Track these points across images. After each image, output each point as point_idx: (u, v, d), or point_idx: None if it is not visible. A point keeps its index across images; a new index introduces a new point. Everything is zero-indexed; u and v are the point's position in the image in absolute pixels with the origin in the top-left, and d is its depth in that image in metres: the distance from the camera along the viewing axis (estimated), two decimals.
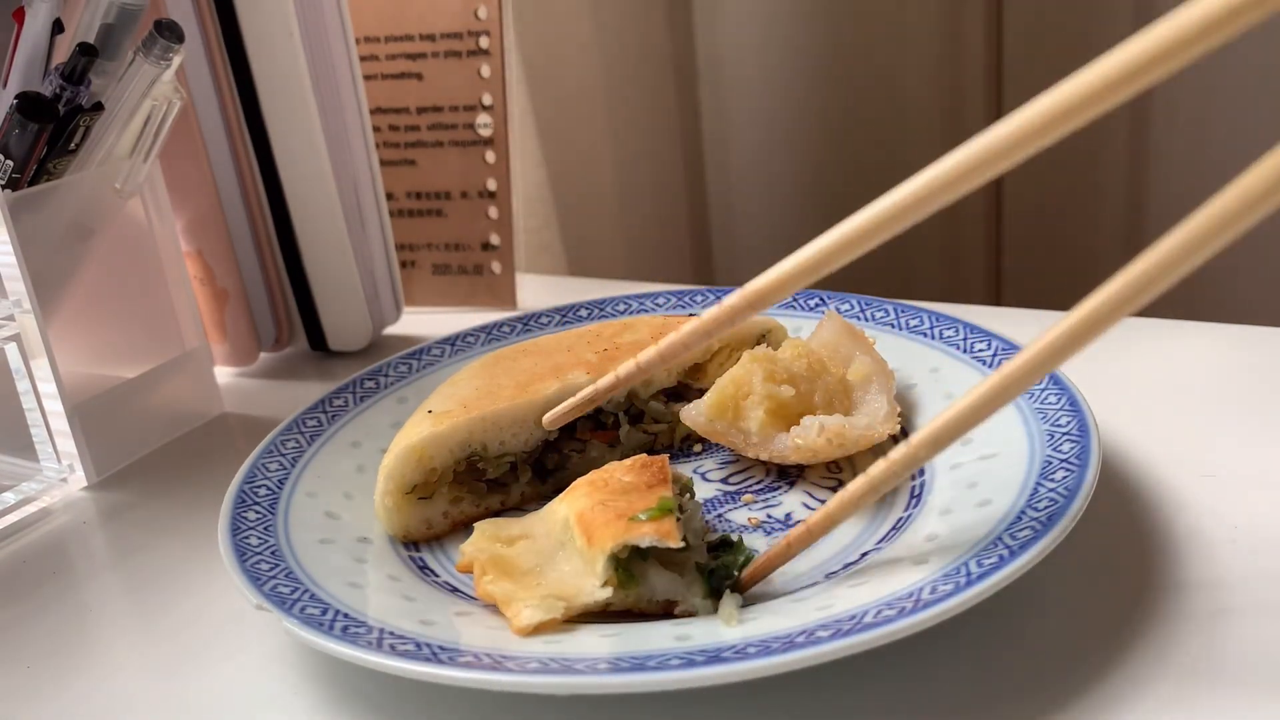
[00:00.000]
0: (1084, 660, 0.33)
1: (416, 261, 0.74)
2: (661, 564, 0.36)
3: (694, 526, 0.38)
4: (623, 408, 0.47)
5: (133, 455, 0.55)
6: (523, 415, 0.45)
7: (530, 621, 0.35)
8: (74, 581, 0.45)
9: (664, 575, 0.36)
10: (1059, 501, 0.35)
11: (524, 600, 0.36)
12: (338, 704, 0.35)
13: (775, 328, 0.50)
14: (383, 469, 0.43)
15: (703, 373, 0.49)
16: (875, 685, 0.33)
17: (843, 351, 0.47)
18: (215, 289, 0.63)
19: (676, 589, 0.36)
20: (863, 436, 0.42)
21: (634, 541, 0.35)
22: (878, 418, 0.43)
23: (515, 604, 0.36)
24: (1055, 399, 0.42)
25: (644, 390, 0.47)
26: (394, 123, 0.72)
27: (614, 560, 0.35)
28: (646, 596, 0.36)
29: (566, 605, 0.35)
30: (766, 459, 0.44)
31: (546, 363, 0.48)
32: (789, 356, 0.45)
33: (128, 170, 0.53)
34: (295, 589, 0.37)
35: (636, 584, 0.36)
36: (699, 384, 0.48)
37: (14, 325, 0.50)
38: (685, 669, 0.30)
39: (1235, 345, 0.55)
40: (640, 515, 0.36)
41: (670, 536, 0.35)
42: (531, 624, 0.35)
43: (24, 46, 0.49)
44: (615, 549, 0.35)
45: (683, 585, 0.36)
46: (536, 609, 0.35)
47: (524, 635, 0.35)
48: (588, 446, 0.47)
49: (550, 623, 0.35)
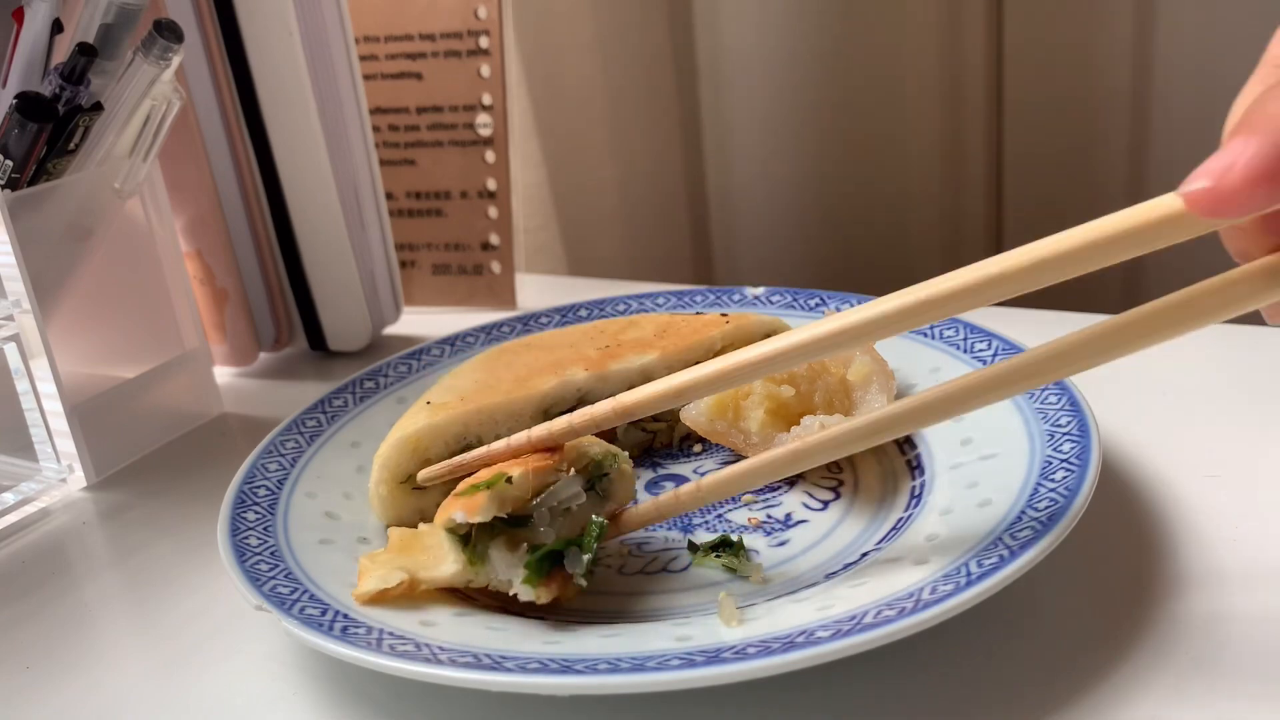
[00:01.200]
0: (1084, 660, 0.33)
1: (416, 261, 0.74)
2: (510, 544, 0.36)
3: (564, 506, 0.36)
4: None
5: (132, 455, 0.55)
6: (519, 410, 0.45)
7: (365, 589, 0.36)
8: (73, 582, 0.45)
9: (504, 556, 0.35)
10: (1059, 501, 0.35)
11: (371, 570, 0.36)
12: (337, 704, 0.35)
13: (779, 327, 0.50)
14: (378, 457, 0.43)
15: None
16: (875, 685, 0.33)
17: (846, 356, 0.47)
18: (215, 289, 0.63)
19: (510, 570, 0.35)
20: None
21: (452, 516, 0.35)
22: None
23: (366, 574, 0.36)
24: (1055, 399, 0.42)
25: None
26: (394, 122, 0.72)
27: (455, 536, 0.36)
28: (494, 576, 0.36)
29: (412, 577, 0.36)
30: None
31: (547, 358, 0.48)
32: None
33: (127, 170, 0.53)
34: (295, 589, 0.37)
35: (483, 562, 0.35)
36: None
37: (13, 325, 0.50)
38: (685, 669, 0.30)
39: (1235, 345, 0.55)
40: (479, 486, 0.35)
41: (472, 511, 0.35)
42: (366, 592, 0.35)
43: (23, 46, 0.49)
44: (445, 524, 0.36)
45: (515, 562, 0.35)
46: (376, 578, 0.36)
47: (362, 603, 0.36)
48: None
49: (394, 592, 0.36)
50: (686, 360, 0.47)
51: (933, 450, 0.44)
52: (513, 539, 0.36)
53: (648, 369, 0.47)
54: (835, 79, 0.88)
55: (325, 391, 0.51)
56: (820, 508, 0.43)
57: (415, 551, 0.37)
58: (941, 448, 0.43)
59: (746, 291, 0.58)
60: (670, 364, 0.47)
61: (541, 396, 0.45)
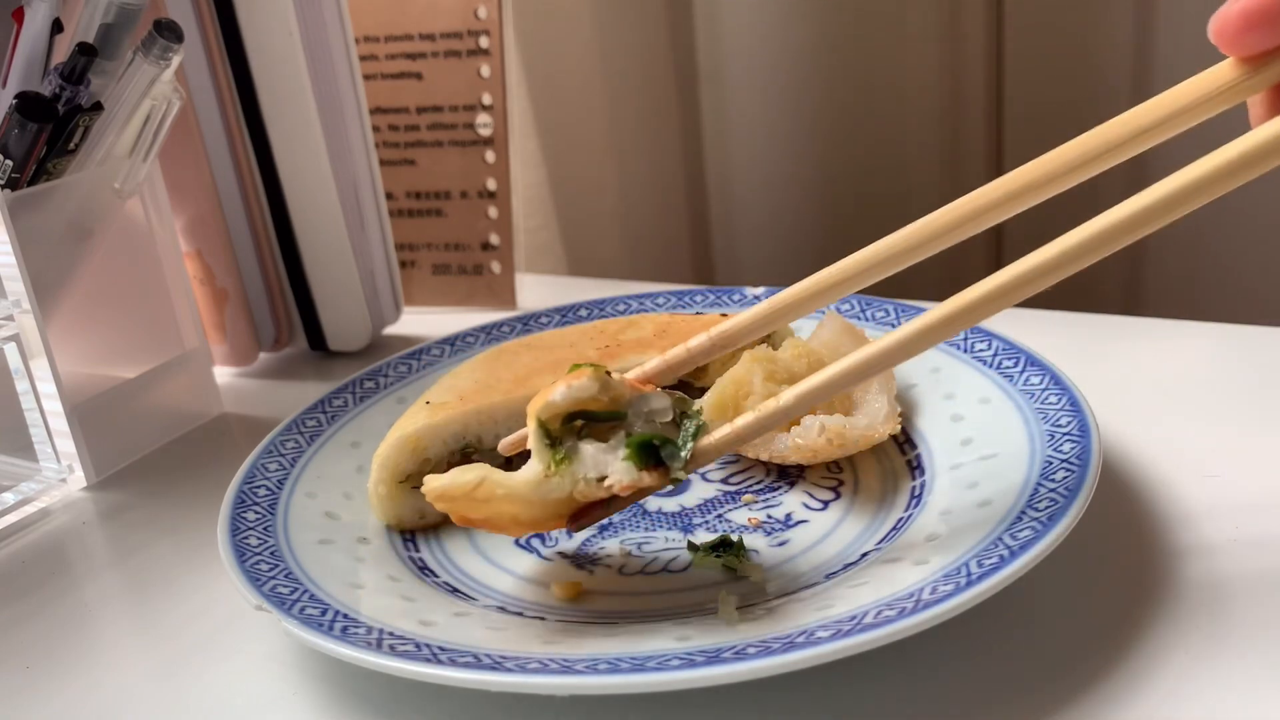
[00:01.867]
0: (1084, 660, 0.33)
1: (416, 261, 0.74)
2: (600, 437, 0.34)
3: (654, 417, 0.35)
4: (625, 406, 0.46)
5: (132, 455, 0.55)
6: (518, 409, 0.45)
7: (436, 484, 0.34)
8: (73, 582, 0.45)
9: (596, 447, 0.34)
10: (1059, 502, 0.35)
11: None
12: (337, 704, 0.35)
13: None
14: (376, 457, 0.43)
15: (704, 372, 0.49)
16: (875, 685, 0.33)
17: (843, 351, 0.47)
18: (214, 289, 0.63)
19: (603, 459, 0.34)
20: (863, 436, 0.42)
21: (551, 397, 0.33)
22: (878, 418, 0.43)
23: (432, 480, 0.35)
24: (1056, 399, 0.42)
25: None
26: (394, 122, 0.72)
27: (543, 431, 0.34)
28: (581, 475, 0.34)
29: (485, 478, 0.33)
30: (767, 459, 0.44)
31: (547, 358, 0.48)
32: (789, 356, 0.45)
33: (127, 170, 0.53)
34: (295, 589, 0.37)
35: (569, 462, 0.34)
36: (700, 383, 0.48)
37: (13, 325, 0.50)
38: (685, 669, 0.30)
39: (1235, 345, 0.55)
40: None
41: (581, 379, 0.33)
42: (437, 487, 0.34)
43: (23, 46, 0.49)
44: (539, 413, 0.34)
45: (609, 451, 0.34)
46: (447, 476, 0.34)
47: (431, 497, 0.35)
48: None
49: (461, 490, 0.34)
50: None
51: (933, 450, 0.44)
52: (604, 433, 0.34)
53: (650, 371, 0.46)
54: (835, 78, 0.88)
55: (325, 391, 0.51)
56: (820, 508, 0.43)
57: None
58: (942, 448, 0.43)
59: (746, 292, 0.58)
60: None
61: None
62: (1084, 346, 0.56)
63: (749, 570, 0.38)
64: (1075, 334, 0.58)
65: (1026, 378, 0.44)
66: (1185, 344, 0.56)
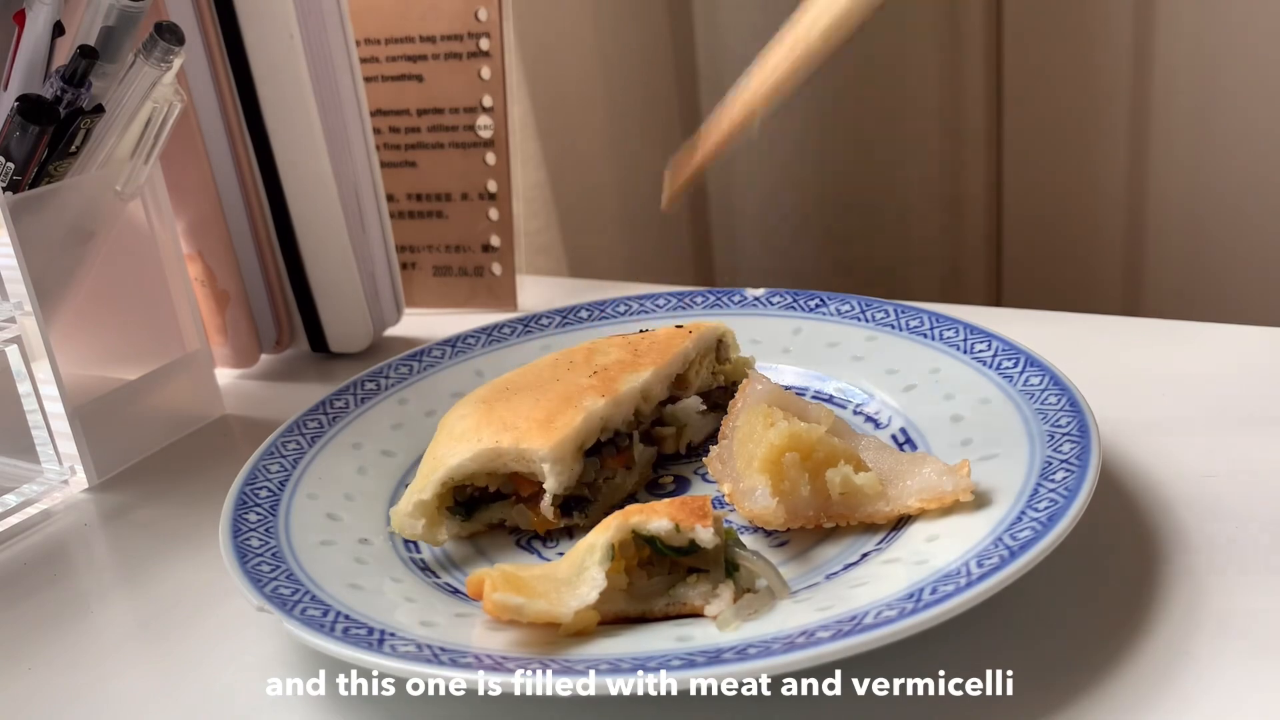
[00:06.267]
0: (1084, 661, 0.33)
1: (417, 263, 0.74)
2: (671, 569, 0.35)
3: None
4: (634, 427, 0.46)
5: (134, 457, 0.55)
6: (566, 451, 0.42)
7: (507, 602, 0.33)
8: (75, 583, 0.45)
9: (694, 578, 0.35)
10: (1059, 502, 0.35)
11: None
12: (338, 704, 0.35)
13: (726, 331, 0.50)
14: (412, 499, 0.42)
15: (684, 382, 0.49)
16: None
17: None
18: (216, 291, 0.63)
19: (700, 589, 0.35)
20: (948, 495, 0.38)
21: (643, 526, 0.34)
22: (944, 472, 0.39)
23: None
24: (1055, 399, 0.42)
25: (646, 406, 0.47)
26: (394, 124, 0.72)
27: (610, 549, 0.34)
28: (651, 594, 0.35)
29: (549, 608, 0.33)
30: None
31: (551, 394, 0.45)
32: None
33: (128, 172, 0.53)
34: (296, 590, 0.37)
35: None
36: (683, 393, 0.48)
37: (15, 327, 0.50)
38: (685, 669, 0.30)
39: (1235, 345, 0.55)
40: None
41: (704, 520, 0.34)
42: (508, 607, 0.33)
43: (25, 49, 0.49)
44: (614, 535, 0.34)
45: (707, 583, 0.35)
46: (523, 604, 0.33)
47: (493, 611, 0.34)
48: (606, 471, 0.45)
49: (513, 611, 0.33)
50: (673, 371, 0.48)
51: (933, 450, 0.44)
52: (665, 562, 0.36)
53: (647, 386, 0.46)
54: (835, 81, 0.88)
55: (326, 393, 0.51)
56: None
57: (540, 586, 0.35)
58: (942, 448, 0.43)
59: (747, 293, 0.58)
60: (662, 376, 0.47)
61: (576, 434, 0.43)
62: (1084, 346, 0.56)
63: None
64: (1075, 334, 0.58)
65: (1026, 378, 0.44)
66: (1185, 344, 0.56)
